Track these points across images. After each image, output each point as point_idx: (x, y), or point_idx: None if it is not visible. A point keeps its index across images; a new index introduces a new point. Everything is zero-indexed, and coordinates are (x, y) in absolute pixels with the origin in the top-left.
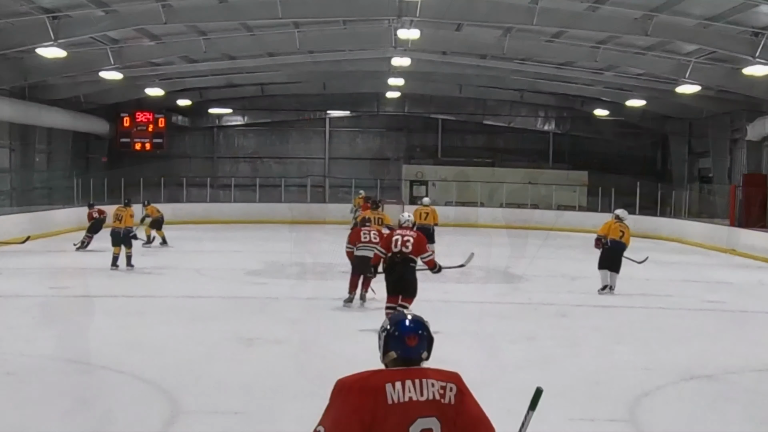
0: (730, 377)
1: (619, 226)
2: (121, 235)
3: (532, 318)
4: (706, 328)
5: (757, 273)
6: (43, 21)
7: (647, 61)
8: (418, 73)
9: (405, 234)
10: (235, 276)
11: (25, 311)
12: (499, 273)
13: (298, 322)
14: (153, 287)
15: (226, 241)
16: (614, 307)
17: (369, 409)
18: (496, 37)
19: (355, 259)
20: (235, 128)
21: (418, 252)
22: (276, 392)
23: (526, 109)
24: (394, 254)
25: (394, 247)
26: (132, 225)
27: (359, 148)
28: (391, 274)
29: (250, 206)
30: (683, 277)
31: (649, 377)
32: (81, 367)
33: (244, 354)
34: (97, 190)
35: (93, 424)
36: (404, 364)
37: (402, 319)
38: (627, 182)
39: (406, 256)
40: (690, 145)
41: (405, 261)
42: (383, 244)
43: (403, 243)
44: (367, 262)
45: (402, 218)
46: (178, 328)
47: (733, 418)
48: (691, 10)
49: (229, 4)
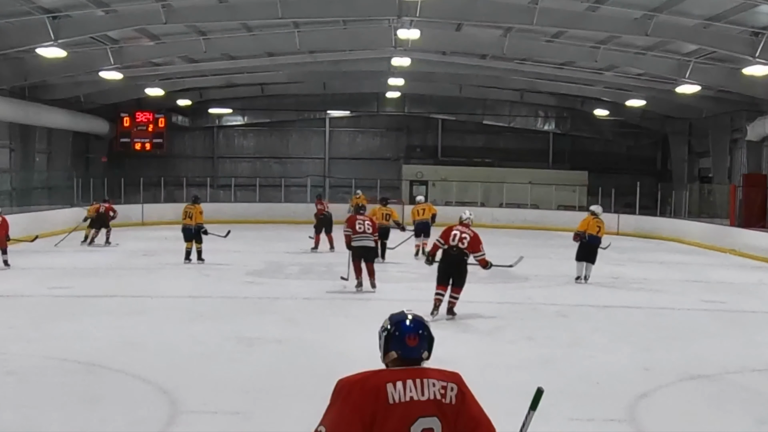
0: (730, 377)
1: (596, 221)
2: (192, 231)
3: (532, 318)
4: (706, 328)
5: (757, 273)
6: (43, 21)
7: (647, 61)
8: (418, 73)
9: (463, 231)
10: (235, 276)
11: (25, 311)
12: (499, 273)
13: (298, 322)
14: (153, 287)
15: (226, 241)
16: (614, 307)
17: (370, 408)
18: (496, 37)
19: (355, 249)
20: (235, 128)
21: (473, 250)
22: (276, 392)
23: (526, 109)
24: (451, 247)
25: (451, 241)
26: (202, 221)
27: (359, 148)
28: (445, 265)
29: (250, 206)
30: (683, 277)
31: (649, 377)
32: (81, 367)
33: (244, 354)
34: (97, 190)
35: (93, 424)
36: (405, 364)
37: (402, 319)
38: (627, 182)
39: (462, 251)
40: (690, 145)
41: (460, 255)
42: (442, 236)
43: (460, 239)
44: (366, 251)
45: (463, 216)
46: (178, 328)
47: (733, 418)
48: (691, 10)
49: (229, 4)
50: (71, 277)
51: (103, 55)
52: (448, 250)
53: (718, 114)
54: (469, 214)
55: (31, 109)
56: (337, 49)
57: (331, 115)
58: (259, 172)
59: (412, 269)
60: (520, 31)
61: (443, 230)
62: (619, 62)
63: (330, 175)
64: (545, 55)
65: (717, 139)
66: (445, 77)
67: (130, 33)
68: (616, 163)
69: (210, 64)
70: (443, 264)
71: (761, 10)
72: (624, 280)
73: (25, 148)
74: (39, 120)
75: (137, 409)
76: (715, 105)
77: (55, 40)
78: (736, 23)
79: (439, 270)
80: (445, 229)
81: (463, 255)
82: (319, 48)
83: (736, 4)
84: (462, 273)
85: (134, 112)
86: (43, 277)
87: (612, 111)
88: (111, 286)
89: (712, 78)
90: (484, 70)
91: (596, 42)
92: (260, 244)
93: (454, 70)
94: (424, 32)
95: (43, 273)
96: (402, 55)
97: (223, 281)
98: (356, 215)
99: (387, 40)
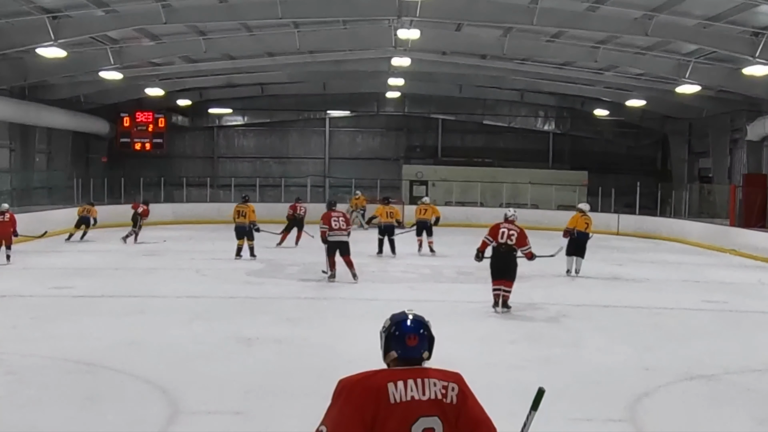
0: (730, 377)
1: (584, 219)
2: (246, 228)
3: (532, 318)
4: (706, 328)
5: (757, 273)
6: (43, 21)
7: (647, 61)
8: (418, 73)
9: (510, 228)
10: (235, 276)
11: (25, 311)
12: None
13: (298, 322)
14: (153, 287)
15: (226, 241)
16: (614, 307)
17: (371, 408)
18: (496, 37)
19: (331, 244)
20: (235, 128)
21: (520, 245)
22: (276, 392)
23: (526, 109)
24: (500, 244)
25: (500, 239)
26: (255, 219)
27: (359, 148)
28: (496, 260)
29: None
30: (683, 277)
31: (649, 377)
32: (81, 366)
33: (244, 354)
34: (97, 190)
35: (93, 424)
36: (405, 363)
37: (403, 318)
38: (627, 182)
39: (510, 247)
40: (690, 145)
41: (509, 250)
42: (491, 234)
43: (508, 236)
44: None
45: (508, 213)
46: (178, 328)
47: (733, 418)
48: (691, 10)
49: (229, 4)
50: (71, 277)
51: (103, 55)
52: (498, 247)
53: (718, 114)
54: (513, 211)
55: (31, 109)
56: (337, 49)
57: (331, 115)
58: (259, 172)
59: (413, 269)
60: (520, 31)
61: (491, 228)
62: (619, 62)
63: (330, 175)
64: (545, 55)
65: (717, 139)
66: (445, 77)
67: (130, 33)
68: (616, 163)
69: (210, 64)
70: (495, 260)
71: (761, 10)
72: (624, 280)
73: (25, 148)
74: (39, 120)
75: (137, 409)
76: (715, 105)
77: (55, 40)
78: (736, 23)
79: (492, 266)
80: (492, 227)
81: (512, 250)
82: (319, 48)
83: (736, 4)
84: (513, 267)
85: (134, 112)
86: (43, 277)
87: (612, 111)
88: (111, 286)
89: (712, 78)
90: (484, 70)
91: (596, 42)
92: (260, 244)
93: (454, 70)
94: (424, 32)
95: (43, 273)
96: (402, 55)
97: (222, 281)
98: (331, 212)
99: (387, 40)
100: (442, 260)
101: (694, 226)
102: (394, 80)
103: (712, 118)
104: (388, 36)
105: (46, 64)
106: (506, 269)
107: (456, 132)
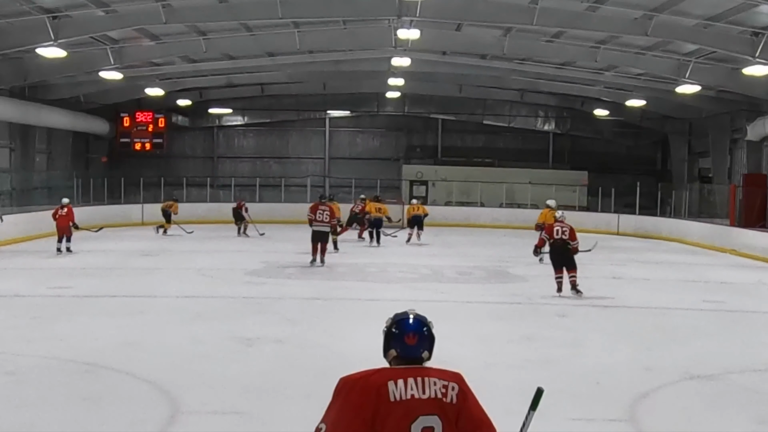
0: (730, 377)
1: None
2: None
3: (532, 318)
4: (706, 328)
5: (757, 273)
6: (43, 21)
7: (647, 61)
8: (418, 73)
9: (563, 226)
10: (235, 276)
11: (25, 311)
12: (499, 273)
13: (298, 322)
14: (153, 287)
15: (226, 241)
16: (614, 307)
17: (371, 406)
18: (496, 37)
19: (313, 233)
20: (235, 128)
21: (572, 239)
22: (276, 392)
23: (526, 109)
24: (556, 240)
25: (556, 235)
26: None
27: (359, 148)
28: (555, 254)
29: (251, 206)
30: (683, 277)
31: (649, 377)
32: (81, 366)
33: (244, 354)
34: (97, 190)
35: (93, 424)
36: (405, 362)
37: (404, 317)
38: (627, 182)
39: (565, 242)
40: (690, 145)
41: (564, 244)
42: (547, 232)
43: (562, 232)
44: (321, 235)
45: (557, 214)
46: (178, 328)
47: (733, 418)
48: (691, 10)
49: (229, 4)
50: (71, 277)
51: (103, 55)
52: (554, 242)
53: (718, 114)
54: (562, 213)
55: (31, 109)
56: (337, 49)
57: (331, 115)
58: (259, 172)
59: (413, 270)
60: (520, 31)
61: (546, 227)
62: (619, 62)
63: (330, 175)
64: (545, 55)
65: (717, 139)
66: (445, 77)
67: (130, 33)
68: (616, 163)
69: (210, 64)
70: (554, 254)
71: (761, 10)
72: (624, 280)
73: (25, 148)
74: (39, 120)
75: (137, 409)
76: (715, 105)
77: (55, 40)
78: (736, 23)
79: (552, 259)
80: (547, 226)
81: (566, 244)
82: (319, 48)
83: (736, 4)
84: (570, 258)
85: (134, 112)
86: (43, 277)
87: (612, 111)
88: (111, 286)
89: (712, 78)
90: (484, 70)
91: (596, 42)
92: (260, 244)
93: (454, 70)
94: (424, 32)
95: (43, 273)
96: (402, 55)
97: (223, 281)
98: (319, 204)
99: (387, 40)
100: (442, 260)
101: (694, 226)
102: (394, 80)
103: (712, 118)
104: (388, 36)
105: (46, 64)
106: (567, 260)
107: (456, 132)
